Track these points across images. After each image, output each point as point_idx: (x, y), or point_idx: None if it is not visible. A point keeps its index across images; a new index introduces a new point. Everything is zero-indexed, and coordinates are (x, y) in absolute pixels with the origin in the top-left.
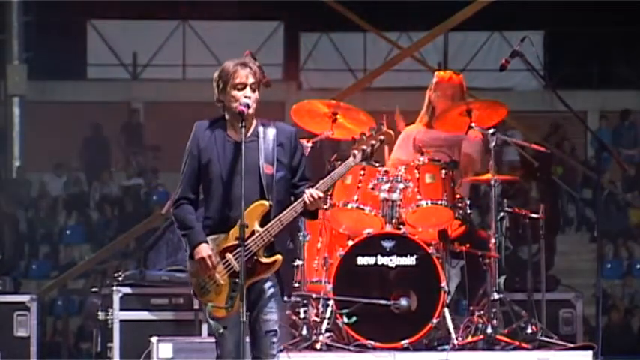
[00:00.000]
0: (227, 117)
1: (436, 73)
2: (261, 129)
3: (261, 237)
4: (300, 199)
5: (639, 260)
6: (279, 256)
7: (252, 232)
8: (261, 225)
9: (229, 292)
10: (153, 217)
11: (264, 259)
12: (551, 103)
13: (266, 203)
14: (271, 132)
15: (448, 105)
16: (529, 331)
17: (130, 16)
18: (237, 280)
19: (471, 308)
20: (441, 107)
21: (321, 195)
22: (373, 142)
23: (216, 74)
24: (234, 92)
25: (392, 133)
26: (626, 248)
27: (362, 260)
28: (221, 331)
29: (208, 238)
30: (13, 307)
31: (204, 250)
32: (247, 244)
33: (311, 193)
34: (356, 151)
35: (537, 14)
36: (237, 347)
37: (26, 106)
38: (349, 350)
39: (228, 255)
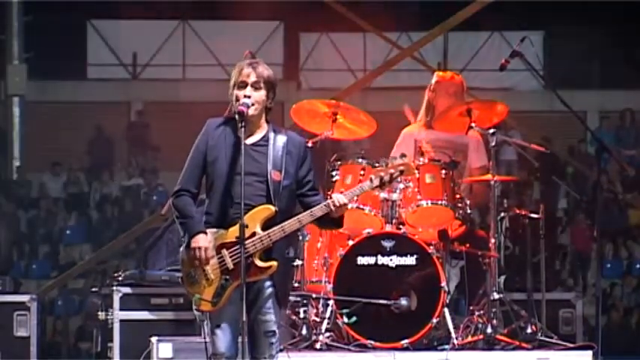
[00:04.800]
0: (236, 117)
1: (436, 73)
2: (272, 134)
3: (261, 240)
4: (323, 204)
5: (639, 260)
6: (274, 263)
7: (253, 234)
8: (264, 229)
9: (217, 288)
10: (153, 217)
11: (259, 263)
12: (551, 103)
13: (272, 208)
14: (282, 139)
15: (450, 103)
16: (529, 331)
17: (130, 16)
18: (227, 277)
19: (471, 308)
20: (441, 106)
21: (346, 202)
22: (392, 171)
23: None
24: (236, 91)
25: (412, 165)
26: (626, 248)
27: (362, 260)
28: (207, 323)
29: (208, 231)
30: (13, 307)
31: (202, 241)
32: (245, 245)
33: (337, 198)
34: (373, 176)
35: (537, 14)
36: (229, 349)
37: (26, 106)
38: (349, 350)
39: (224, 251)
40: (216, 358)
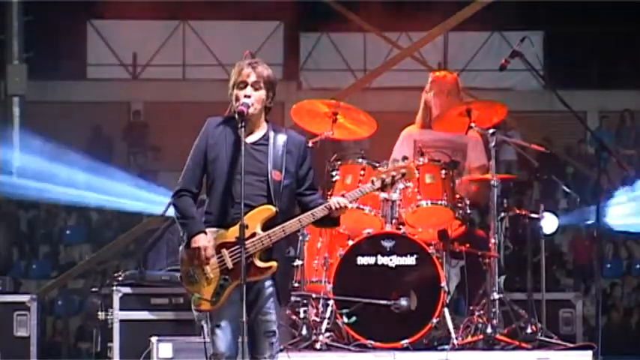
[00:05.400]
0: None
1: (430, 73)
2: (272, 134)
3: (261, 241)
4: (324, 205)
5: (639, 260)
6: (274, 263)
7: (253, 234)
8: (264, 229)
9: (217, 288)
10: (153, 217)
11: (259, 263)
12: (551, 103)
13: (273, 208)
14: (282, 138)
15: (445, 101)
16: (529, 331)
17: (130, 16)
18: (227, 277)
19: (471, 308)
20: (437, 105)
21: (347, 204)
22: (394, 173)
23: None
24: (237, 91)
25: (414, 169)
26: (626, 248)
27: (362, 260)
28: (205, 322)
29: (208, 230)
30: (13, 307)
31: (202, 240)
32: (245, 245)
33: (338, 201)
34: (374, 178)
35: (537, 14)
36: (229, 349)
37: (26, 106)
38: (349, 350)
39: (224, 251)
40: (217, 358)
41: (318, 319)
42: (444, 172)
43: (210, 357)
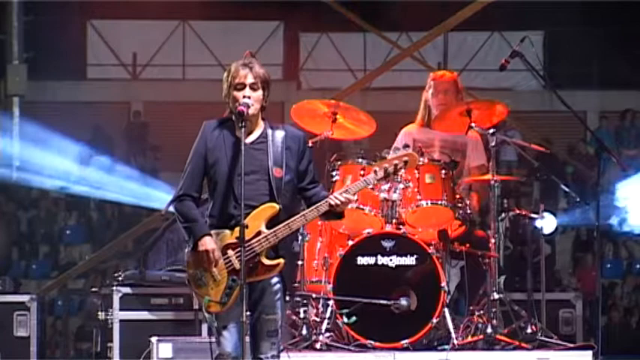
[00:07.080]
0: (234, 117)
1: (431, 73)
2: (269, 131)
3: (267, 239)
4: (324, 201)
5: (639, 260)
6: (282, 260)
7: (259, 233)
8: (269, 227)
9: (225, 289)
10: (153, 217)
11: (266, 261)
12: (551, 103)
13: (276, 206)
14: (280, 135)
15: (443, 101)
16: (529, 331)
17: (130, 16)
18: (235, 277)
19: (471, 308)
20: (435, 104)
21: (350, 197)
22: (396, 162)
23: (224, 76)
24: (235, 93)
25: (416, 155)
26: (626, 248)
27: (362, 260)
28: (215, 324)
29: (212, 232)
30: (13, 307)
31: (209, 243)
32: (251, 244)
33: (337, 197)
34: (377, 168)
35: (537, 14)
36: (235, 350)
37: (26, 106)
38: (349, 350)
39: (230, 252)
40: (222, 358)
41: (318, 319)
42: (443, 172)
43: (216, 357)
